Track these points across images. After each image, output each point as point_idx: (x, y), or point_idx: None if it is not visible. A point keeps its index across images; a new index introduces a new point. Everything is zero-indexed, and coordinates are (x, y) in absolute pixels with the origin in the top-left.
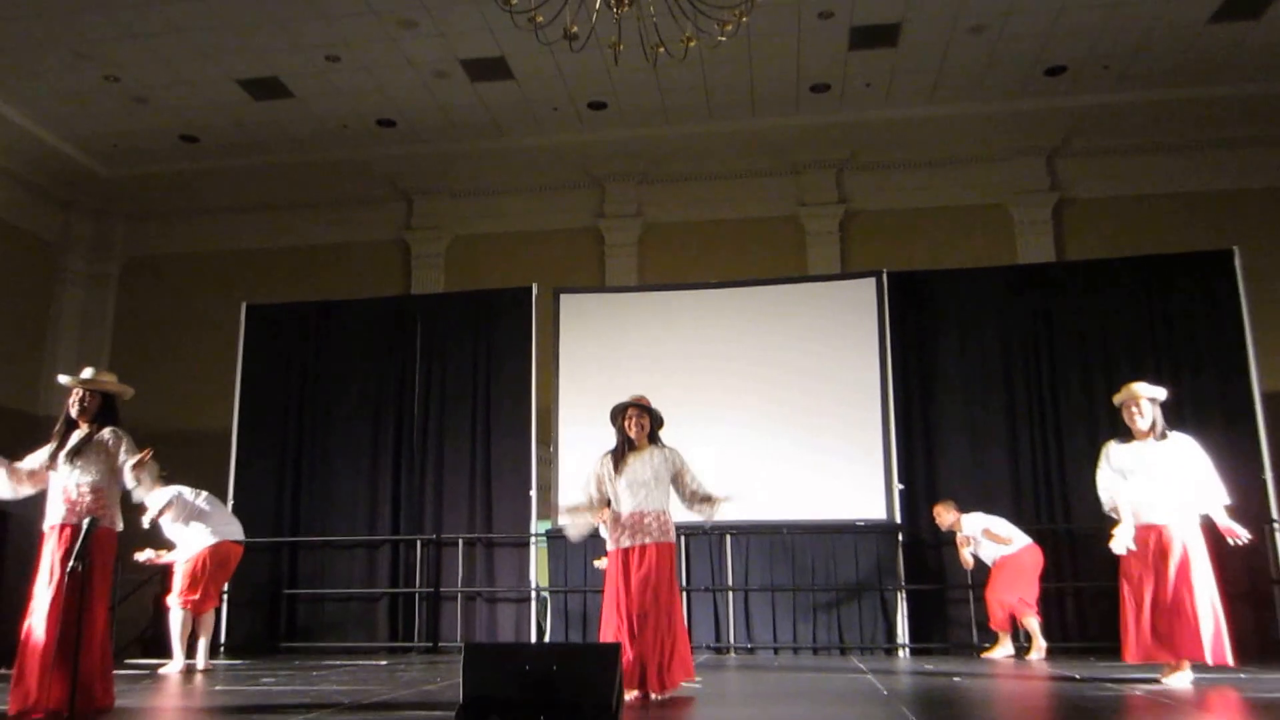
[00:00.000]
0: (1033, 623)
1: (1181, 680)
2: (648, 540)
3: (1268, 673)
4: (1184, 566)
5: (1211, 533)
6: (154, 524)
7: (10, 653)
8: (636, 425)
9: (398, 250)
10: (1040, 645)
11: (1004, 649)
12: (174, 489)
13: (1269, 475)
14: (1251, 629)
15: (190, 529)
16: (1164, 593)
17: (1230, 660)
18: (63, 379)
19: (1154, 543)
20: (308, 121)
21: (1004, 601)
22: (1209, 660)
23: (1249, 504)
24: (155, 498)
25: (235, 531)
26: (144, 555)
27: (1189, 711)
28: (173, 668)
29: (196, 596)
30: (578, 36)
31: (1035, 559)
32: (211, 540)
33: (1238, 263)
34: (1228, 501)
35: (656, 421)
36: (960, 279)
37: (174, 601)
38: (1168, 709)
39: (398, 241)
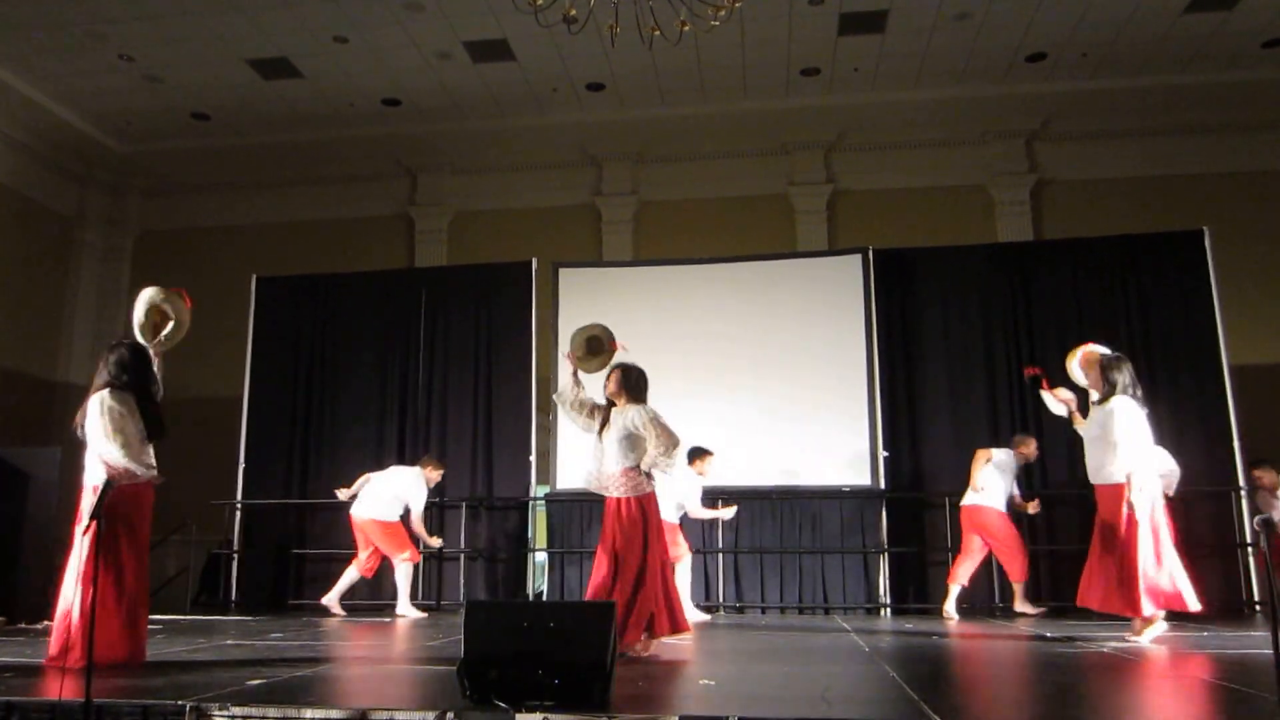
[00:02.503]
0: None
1: (1156, 631)
2: (620, 494)
3: (1230, 630)
4: (1129, 525)
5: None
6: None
7: (35, 610)
8: (612, 383)
9: (402, 225)
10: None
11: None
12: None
13: (1236, 444)
14: (1219, 588)
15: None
16: (1113, 550)
17: (1153, 608)
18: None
19: (1102, 503)
20: (315, 100)
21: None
22: (1143, 613)
23: (1216, 470)
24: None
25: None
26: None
27: (1157, 666)
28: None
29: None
30: (576, 20)
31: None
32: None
33: (1208, 242)
34: (1129, 470)
35: (629, 378)
36: (943, 256)
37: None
38: (1137, 664)
39: (402, 217)
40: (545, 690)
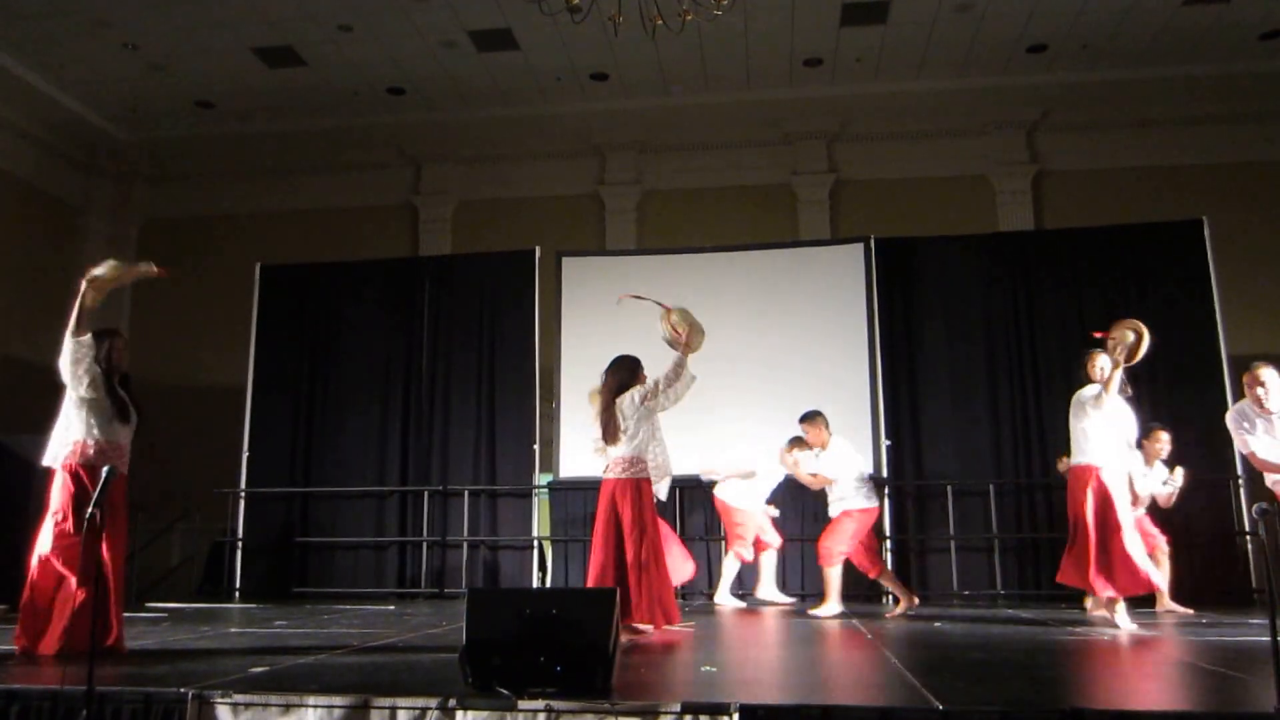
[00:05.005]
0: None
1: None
2: None
3: (1228, 617)
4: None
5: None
6: None
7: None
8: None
9: (406, 214)
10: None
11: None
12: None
13: None
14: (1218, 576)
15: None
16: None
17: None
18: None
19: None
20: (320, 89)
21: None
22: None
23: (1215, 459)
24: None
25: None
26: None
27: (1155, 652)
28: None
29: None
30: (580, 9)
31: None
32: None
33: (1206, 232)
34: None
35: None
36: (944, 245)
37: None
38: (1135, 650)
39: (406, 205)
40: (547, 677)
